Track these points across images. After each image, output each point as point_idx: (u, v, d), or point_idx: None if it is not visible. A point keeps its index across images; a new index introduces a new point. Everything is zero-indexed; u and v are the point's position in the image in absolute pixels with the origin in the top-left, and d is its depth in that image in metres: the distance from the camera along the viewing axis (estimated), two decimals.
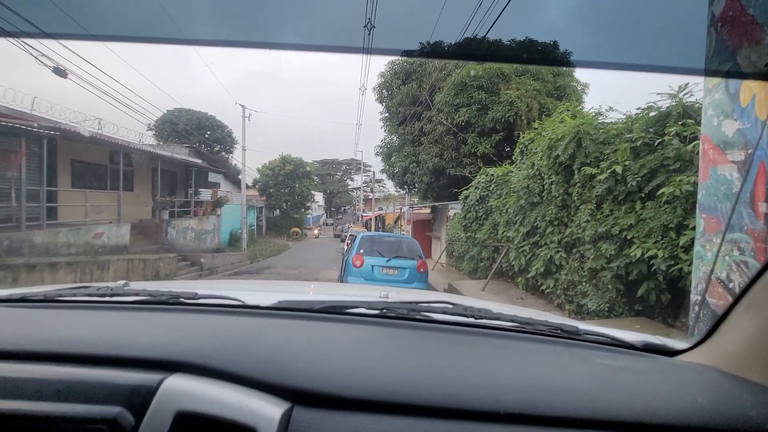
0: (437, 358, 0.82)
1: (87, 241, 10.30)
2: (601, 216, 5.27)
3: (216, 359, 0.72)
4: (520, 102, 13.52)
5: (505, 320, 0.98)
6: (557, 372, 0.80)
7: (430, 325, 0.99)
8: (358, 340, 0.88)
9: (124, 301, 1.05)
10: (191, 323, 0.94)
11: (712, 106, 3.00)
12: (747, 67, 3.11)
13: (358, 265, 7.49)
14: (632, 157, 4.86)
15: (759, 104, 2.71)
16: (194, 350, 0.75)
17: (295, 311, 1.00)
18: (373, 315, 0.99)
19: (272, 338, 0.85)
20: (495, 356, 0.86)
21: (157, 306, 1.02)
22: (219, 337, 0.84)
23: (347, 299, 1.07)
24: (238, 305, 1.03)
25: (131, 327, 0.91)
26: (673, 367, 0.86)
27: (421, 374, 0.73)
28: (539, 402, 0.65)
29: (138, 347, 0.76)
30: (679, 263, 4.06)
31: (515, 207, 7.91)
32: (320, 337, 0.88)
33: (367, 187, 40.43)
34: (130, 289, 1.10)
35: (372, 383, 0.68)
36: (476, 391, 0.67)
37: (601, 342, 0.95)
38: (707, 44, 3.55)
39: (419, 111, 16.18)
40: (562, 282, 6.31)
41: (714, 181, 2.96)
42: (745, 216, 2.77)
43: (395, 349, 0.86)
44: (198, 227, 16.20)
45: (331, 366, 0.73)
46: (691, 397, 0.69)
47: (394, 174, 18.23)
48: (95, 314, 0.99)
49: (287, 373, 0.69)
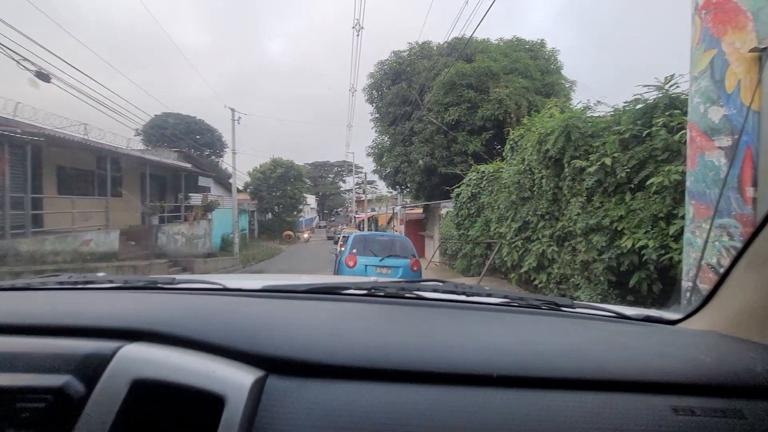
0: (427, 327, 0.79)
1: (75, 248, 10.11)
2: (591, 208, 5.30)
3: (183, 327, 0.67)
4: (509, 100, 13.60)
5: (497, 296, 0.96)
6: (553, 336, 0.76)
7: (420, 302, 0.95)
8: (343, 312, 0.84)
9: (96, 287, 1.00)
10: (165, 300, 0.89)
11: (698, 93, 3.02)
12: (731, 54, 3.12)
13: (351, 265, 7.45)
14: (621, 149, 4.89)
15: (744, 90, 2.73)
16: (159, 318, 0.70)
17: (281, 292, 0.96)
18: (362, 294, 0.96)
19: (249, 311, 0.80)
20: (487, 325, 0.83)
21: (132, 290, 0.98)
22: (189, 308, 0.79)
23: (336, 281, 1.03)
24: (219, 288, 0.99)
25: (94, 302, 0.86)
26: (674, 332, 0.84)
27: (408, 339, 0.69)
28: (536, 363, 0.62)
29: (93, 316, 0.71)
30: (669, 252, 4.09)
31: (506, 203, 7.93)
32: (302, 312, 0.84)
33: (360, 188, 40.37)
34: (104, 277, 1.05)
35: (354, 349, 0.64)
36: (466, 354, 0.64)
37: (599, 316, 0.93)
38: (692, 32, 3.56)
39: (409, 111, 16.20)
40: (555, 276, 6.33)
41: (702, 168, 2.98)
42: (733, 201, 2.79)
43: (382, 320, 0.82)
44: (189, 232, 16.01)
45: (309, 334, 0.68)
46: (694, 355, 0.67)
47: (385, 174, 18.23)
48: (60, 294, 0.95)
49: (262, 341, 0.65)
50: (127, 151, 13.35)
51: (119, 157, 12.84)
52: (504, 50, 15.73)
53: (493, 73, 14.31)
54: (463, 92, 14.19)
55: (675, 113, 4.42)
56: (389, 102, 17.28)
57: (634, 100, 5.16)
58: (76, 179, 12.36)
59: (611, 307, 0.96)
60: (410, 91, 16.27)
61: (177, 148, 20.55)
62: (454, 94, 14.32)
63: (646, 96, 5.03)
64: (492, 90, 14.03)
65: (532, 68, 14.73)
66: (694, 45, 3.05)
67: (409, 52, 17.51)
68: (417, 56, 17.17)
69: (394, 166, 16.92)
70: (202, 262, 14.32)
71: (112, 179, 12.30)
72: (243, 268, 17.21)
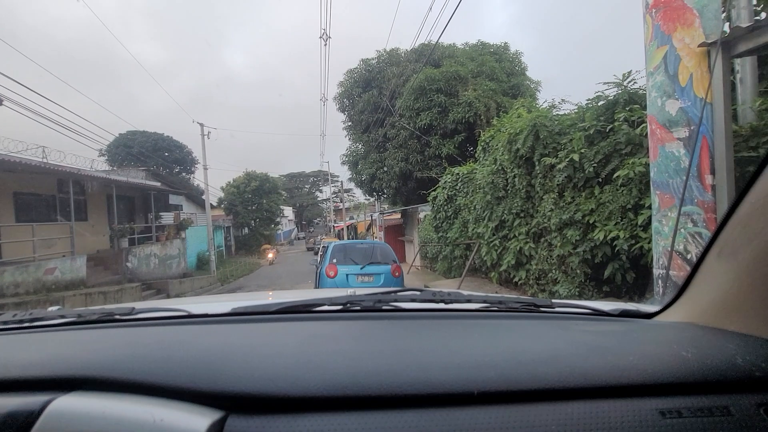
0: (403, 344, 0.75)
1: (38, 278, 9.55)
2: (563, 204, 5.43)
3: (129, 369, 0.60)
4: (478, 102, 13.90)
5: (476, 302, 0.94)
6: (534, 343, 0.74)
7: (398, 314, 0.92)
8: (314, 336, 0.79)
9: (43, 325, 0.91)
10: (113, 338, 0.81)
11: (654, 88, 3.15)
12: (682, 49, 3.25)
13: (332, 276, 7.35)
14: (587, 145, 5.05)
15: (696, 83, 2.87)
16: (98, 363, 0.63)
17: (250, 315, 0.90)
18: (337, 311, 0.91)
19: (210, 342, 0.73)
20: (467, 335, 0.80)
21: (84, 326, 0.89)
22: (136, 346, 0.71)
23: (308, 298, 0.98)
24: (182, 316, 0.92)
25: (29, 347, 0.77)
26: (653, 327, 0.84)
27: (382, 361, 0.65)
28: (516, 376, 0.59)
29: (22, 365, 0.63)
30: (639, 242, 4.22)
31: (482, 203, 8.04)
32: (270, 337, 0.79)
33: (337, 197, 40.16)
34: (55, 312, 0.96)
35: (324, 377, 0.59)
36: (445, 372, 0.60)
37: (577, 313, 0.92)
38: (644, 30, 3.71)
39: (382, 117, 16.28)
40: (534, 272, 6.44)
41: (664, 159, 3.10)
42: (695, 189, 2.91)
43: (356, 340, 0.78)
44: (161, 253, 15.44)
45: (275, 363, 0.63)
46: (676, 352, 0.66)
47: (362, 182, 18.19)
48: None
49: (222, 377, 0.58)
50: (90, 173, 12.78)
51: (82, 179, 12.28)
52: (470, 54, 16.11)
53: (461, 77, 14.61)
54: (433, 97, 14.40)
55: (635, 108, 4.60)
56: (361, 110, 17.33)
57: (596, 98, 5.35)
58: (36, 205, 11.72)
59: (589, 303, 0.96)
60: (381, 98, 16.37)
61: (145, 167, 19.88)
62: (424, 99, 14.52)
63: (607, 93, 5.23)
64: (461, 93, 14.31)
65: (498, 71, 15.12)
66: (647, 42, 3.19)
67: (377, 59, 17.65)
68: (386, 63, 17.33)
69: (370, 173, 16.93)
70: (177, 283, 13.81)
71: (76, 203, 11.74)
72: (221, 285, 16.72)
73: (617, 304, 0.99)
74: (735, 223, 0.71)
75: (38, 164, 10.48)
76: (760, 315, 0.67)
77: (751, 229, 0.67)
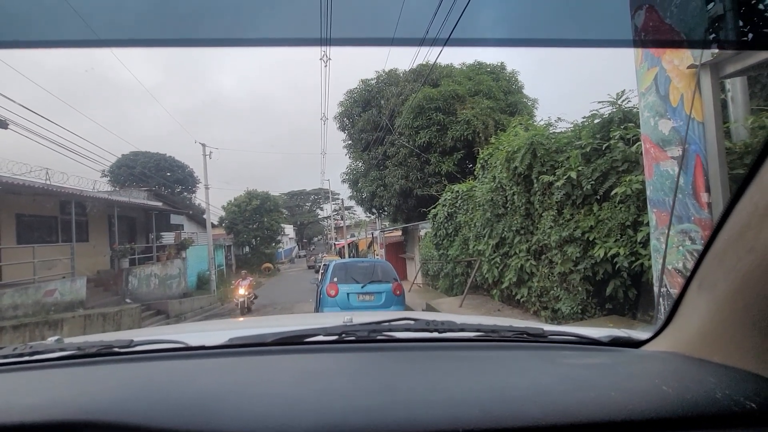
0: (393, 380, 0.76)
1: (37, 300, 9.50)
2: (563, 221, 5.45)
3: (123, 413, 0.61)
4: (476, 120, 14.10)
5: (469, 331, 0.94)
6: (521, 378, 0.76)
7: (392, 344, 0.93)
8: (307, 372, 0.80)
9: (44, 359, 0.91)
10: (111, 376, 0.82)
11: (647, 108, 3.21)
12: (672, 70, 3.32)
13: (333, 295, 7.31)
14: (584, 162, 5.10)
15: (687, 103, 2.92)
16: (97, 407, 0.64)
17: (247, 347, 0.91)
18: (332, 341, 0.92)
19: (202, 380, 0.75)
20: (456, 370, 0.81)
21: (83, 360, 0.90)
22: (133, 388, 0.72)
23: (304, 328, 0.99)
24: (180, 348, 0.93)
25: (29, 387, 0.77)
26: (639, 359, 0.84)
27: (372, 400, 0.66)
28: (502, 414, 0.60)
29: (21, 412, 0.63)
30: (639, 258, 4.22)
31: (482, 220, 8.06)
32: (265, 373, 0.80)
33: (337, 215, 40.25)
34: (53, 344, 0.96)
35: (317, 419, 0.60)
36: (432, 411, 0.61)
37: (568, 341, 0.93)
38: (635, 52, 3.79)
39: (381, 136, 16.49)
40: (536, 289, 6.41)
41: (659, 177, 3.13)
42: (691, 207, 2.93)
43: (349, 377, 0.79)
44: (162, 273, 15.39)
45: (270, 404, 0.64)
46: (657, 387, 0.67)
47: (362, 199, 18.28)
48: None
49: (215, 418, 0.60)
50: (92, 194, 12.89)
51: (84, 200, 12.38)
52: (467, 74, 16.43)
53: (459, 96, 14.87)
54: (432, 115, 14.62)
55: (629, 126, 4.67)
56: (361, 128, 17.58)
57: (592, 116, 5.44)
58: (38, 226, 11.78)
59: (581, 330, 0.97)
60: (381, 116, 16.63)
61: (147, 187, 20.04)
62: (423, 117, 14.74)
63: (602, 111, 5.32)
64: (459, 112, 14.54)
65: (495, 89, 15.39)
66: (638, 64, 3.27)
67: (377, 80, 18.02)
68: (385, 83, 17.67)
69: (370, 190, 17.03)
70: (177, 303, 13.71)
71: (78, 224, 11.79)
72: (222, 305, 16.58)
73: (610, 330, 1.00)
74: (712, 257, 0.73)
75: (41, 186, 10.59)
76: (741, 347, 0.68)
77: (727, 263, 0.68)
